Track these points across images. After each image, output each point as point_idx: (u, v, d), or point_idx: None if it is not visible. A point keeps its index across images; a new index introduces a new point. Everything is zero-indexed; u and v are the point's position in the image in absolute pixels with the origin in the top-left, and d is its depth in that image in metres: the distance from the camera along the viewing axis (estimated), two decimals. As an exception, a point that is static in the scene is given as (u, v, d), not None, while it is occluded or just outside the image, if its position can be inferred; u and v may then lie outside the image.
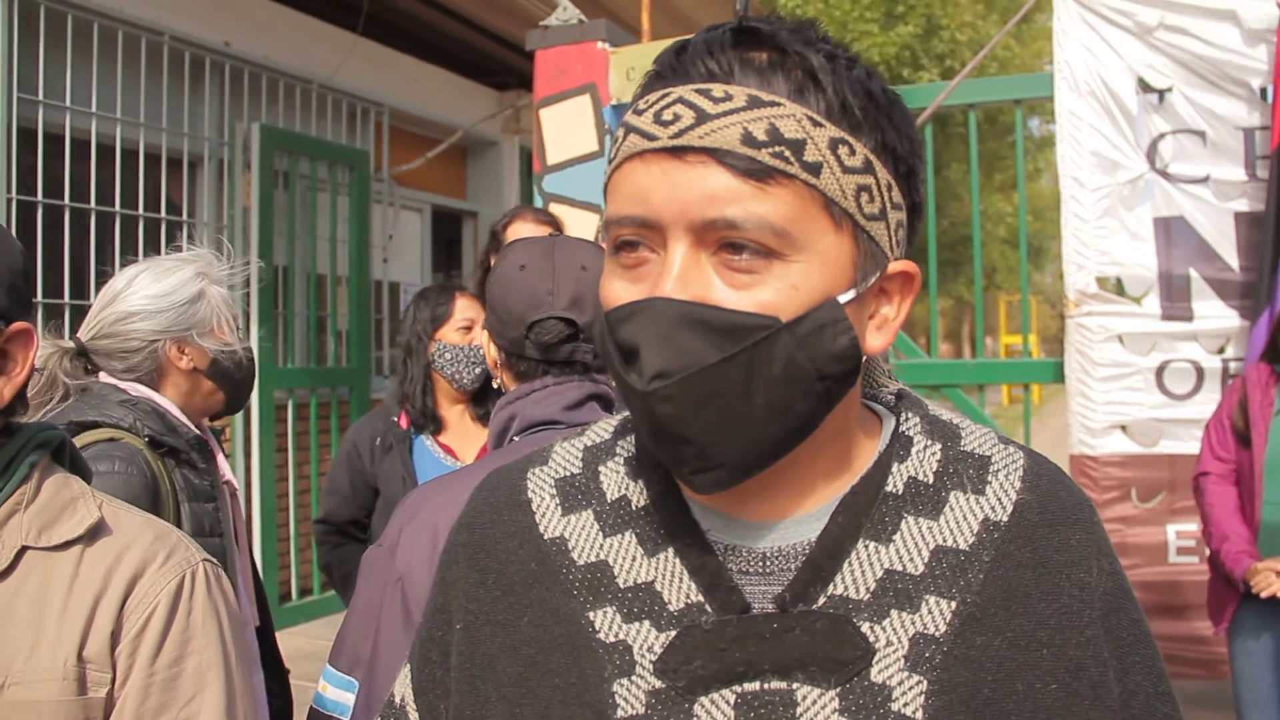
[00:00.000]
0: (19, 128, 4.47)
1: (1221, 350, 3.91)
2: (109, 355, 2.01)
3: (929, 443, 0.83)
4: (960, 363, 5.01)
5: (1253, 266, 3.82)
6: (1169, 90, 3.93)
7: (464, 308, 2.97)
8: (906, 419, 0.85)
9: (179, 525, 1.84)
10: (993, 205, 19.05)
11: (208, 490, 1.96)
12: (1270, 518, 2.93)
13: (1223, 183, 3.89)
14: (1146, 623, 0.84)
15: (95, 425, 1.86)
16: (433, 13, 6.81)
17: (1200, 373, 3.92)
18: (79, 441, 1.78)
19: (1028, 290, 4.87)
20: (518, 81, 7.58)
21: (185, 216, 5.55)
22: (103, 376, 2.01)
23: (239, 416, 5.52)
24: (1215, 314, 3.90)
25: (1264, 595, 2.86)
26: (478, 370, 2.94)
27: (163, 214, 5.20)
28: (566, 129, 4.49)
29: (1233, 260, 3.88)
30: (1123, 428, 4.01)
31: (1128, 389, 3.99)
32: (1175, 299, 3.95)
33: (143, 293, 2.02)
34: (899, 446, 0.83)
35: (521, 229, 3.20)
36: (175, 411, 2.00)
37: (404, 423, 2.97)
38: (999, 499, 0.81)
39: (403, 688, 0.93)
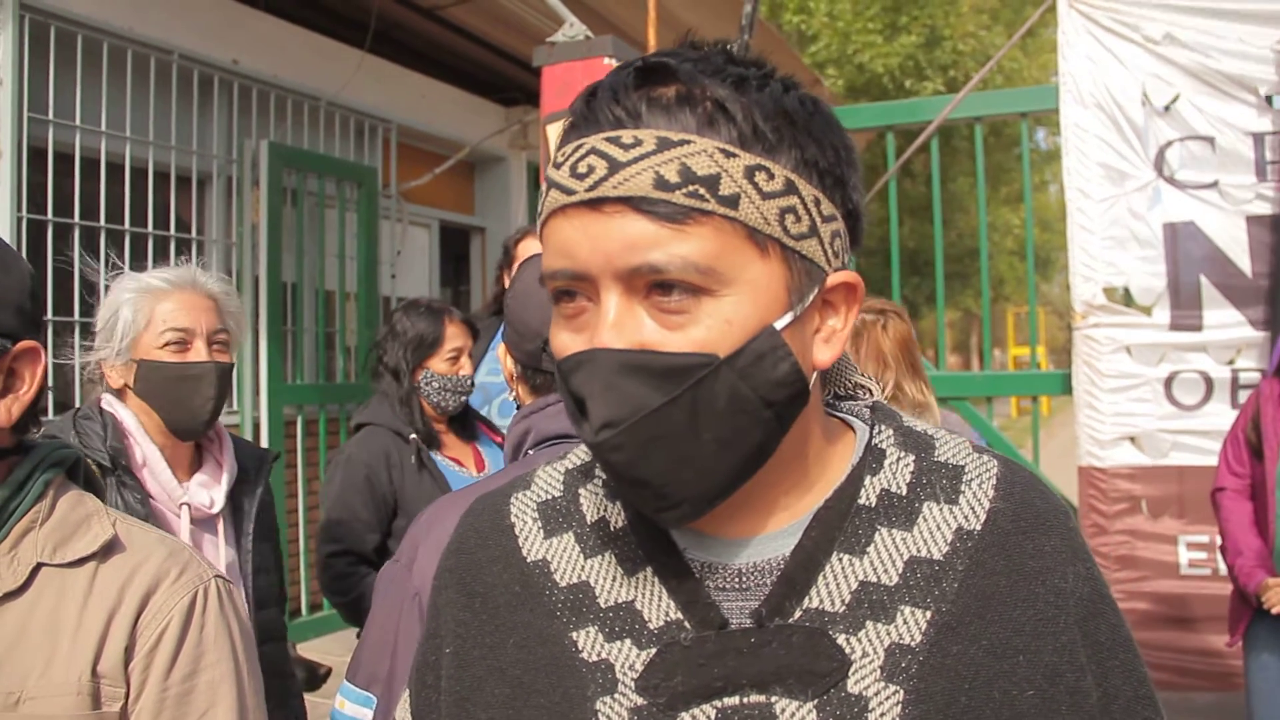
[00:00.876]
0: (29, 147, 4.50)
1: (1232, 361, 3.89)
2: None
3: (902, 454, 0.84)
4: (968, 375, 5.00)
5: (1267, 272, 3.80)
6: (1176, 100, 3.93)
7: (453, 336, 2.99)
8: (879, 431, 0.86)
9: None
10: (1000, 217, 19.05)
11: (137, 508, 1.94)
12: (1283, 531, 2.92)
13: (1232, 188, 3.89)
14: (1127, 628, 0.85)
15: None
16: (440, 30, 6.83)
17: (1210, 383, 3.90)
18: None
19: (1035, 302, 4.86)
20: (525, 97, 7.60)
21: (194, 234, 5.57)
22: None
23: (248, 432, 5.53)
24: (1226, 322, 3.88)
25: (1275, 612, 2.85)
26: (462, 398, 3.01)
27: (172, 231, 5.22)
28: (573, 144, 4.49)
29: (1245, 265, 3.86)
30: (1131, 439, 3.99)
31: (1136, 400, 3.97)
32: (1185, 307, 3.93)
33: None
34: (871, 459, 0.84)
35: (534, 245, 3.23)
36: (129, 428, 2.02)
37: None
38: (972, 508, 0.81)
39: (403, 712, 0.95)
